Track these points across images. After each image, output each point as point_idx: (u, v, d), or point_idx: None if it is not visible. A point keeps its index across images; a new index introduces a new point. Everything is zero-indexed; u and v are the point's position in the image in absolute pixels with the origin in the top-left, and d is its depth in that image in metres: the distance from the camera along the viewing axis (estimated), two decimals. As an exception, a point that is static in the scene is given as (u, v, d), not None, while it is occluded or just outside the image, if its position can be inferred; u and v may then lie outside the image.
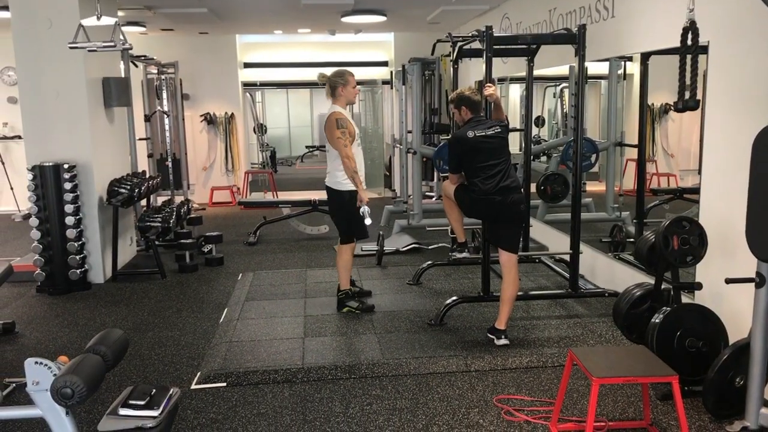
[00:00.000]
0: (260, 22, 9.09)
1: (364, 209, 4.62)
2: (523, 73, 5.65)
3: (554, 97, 9.85)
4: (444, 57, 10.12)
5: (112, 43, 4.65)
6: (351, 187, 4.66)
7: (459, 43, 5.11)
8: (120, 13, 7.31)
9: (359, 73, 11.67)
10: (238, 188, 10.79)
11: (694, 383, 3.39)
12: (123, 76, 6.71)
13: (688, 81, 2.89)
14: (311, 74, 11.92)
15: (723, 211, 3.76)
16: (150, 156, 9.25)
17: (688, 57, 2.69)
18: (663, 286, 3.71)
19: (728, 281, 3.04)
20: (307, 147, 17.89)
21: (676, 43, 4.32)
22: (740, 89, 3.60)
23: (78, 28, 4.72)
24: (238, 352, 4.13)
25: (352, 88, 4.76)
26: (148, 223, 6.12)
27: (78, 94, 5.72)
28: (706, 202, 3.95)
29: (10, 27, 5.64)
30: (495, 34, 4.42)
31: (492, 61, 4.37)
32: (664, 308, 3.49)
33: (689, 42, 2.66)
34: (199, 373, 3.88)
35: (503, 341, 4.15)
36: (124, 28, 6.79)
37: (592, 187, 7.67)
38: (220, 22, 8.53)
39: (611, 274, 5.26)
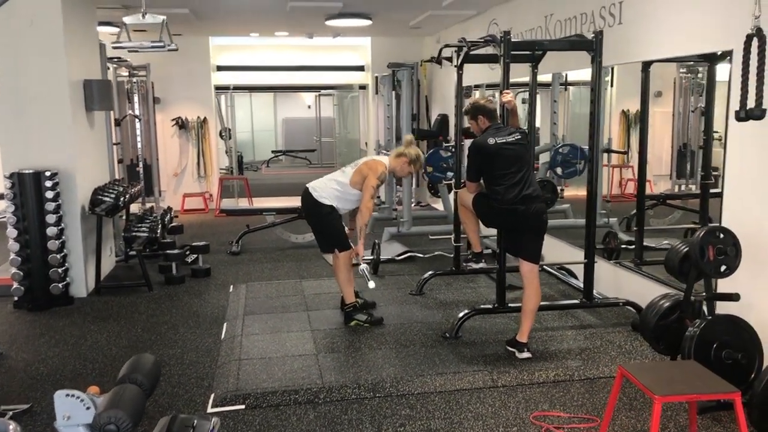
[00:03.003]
0: (238, 24, 8.82)
1: (364, 268, 4.48)
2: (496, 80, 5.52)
3: (522, 102, 9.87)
4: (424, 62, 10.08)
5: (161, 43, 4.34)
6: (330, 202, 4.61)
7: (464, 49, 5.01)
8: (97, 12, 6.95)
9: (335, 78, 11.57)
10: (211, 195, 10.46)
11: (733, 396, 3.34)
12: (102, 78, 6.40)
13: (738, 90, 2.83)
14: (282, 78, 11.77)
15: (749, 218, 3.74)
16: (120, 162, 8.86)
17: (753, 65, 2.63)
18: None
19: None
20: (273, 152, 17.58)
21: (688, 51, 4.39)
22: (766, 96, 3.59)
23: (121, 27, 4.41)
24: (251, 371, 3.91)
25: (408, 170, 4.80)
26: (135, 233, 5.80)
27: (60, 97, 5.39)
28: (730, 209, 3.93)
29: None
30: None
31: (509, 66, 4.27)
32: (699, 320, 3.43)
33: (757, 49, 2.59)
34: (213, 395, 3.65)
35: (526, 354, 4.04)
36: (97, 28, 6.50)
37: (569, 192, 7.67)
38: (197, 23, 8.23)
39: (616, 281, 5.23)
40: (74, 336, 4.69)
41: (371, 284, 4.46)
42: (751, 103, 2.74)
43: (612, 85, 6.73)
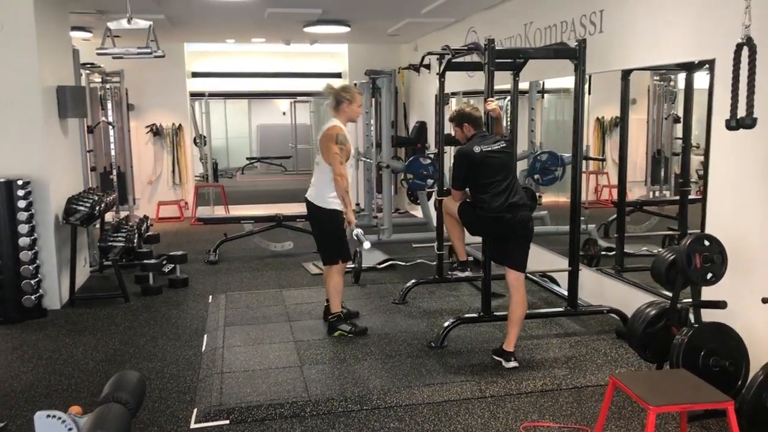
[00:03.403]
0: (215, 31, 8.71)
1: (358, 232, 4.43)
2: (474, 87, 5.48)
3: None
4: (402, 69, 10.06)
5: (148, 50, 4.21)
6: (335, 206, 4.48)
7: (447, 56, 5.00)
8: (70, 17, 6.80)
9: (311, 85, 11.50)
10: (186, 203, 10.29)
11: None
12: (76, 84, 6.26)
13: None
14: (258, 84, 11.67)
15: (731, 224, 3.76)
16: (93, 169, 8.68)
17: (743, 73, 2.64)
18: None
19: (766, 301, 3.01)
20: (248, 159, 17.41)
21: (669, 60, 4.42)
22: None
23: (105, 32, 4.28)
24: (233, 385, 3.81)
25: (357, 107, 4.62)
26: (111, 243, 5.66)
27: (32, 104, 5.23)
28: (712, 216, 3.95)
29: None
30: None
31: (494, 74, 4.25)
32: (687, 327, 3.44)
33: (747, 58, 2.60)
34: (195, 410, 3.55)
35: (513, 364, 4.01)
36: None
37: (545, 199, 7.70)
38: (172, 28, 8.10)
39: (597, 288, 5.24)
40: (48, 350, 4.54)
41: (367, 244, 4.40)
42: (739, 112, 2.76)
43: (589, 93, 6.78)
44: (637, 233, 6.33)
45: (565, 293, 4.98)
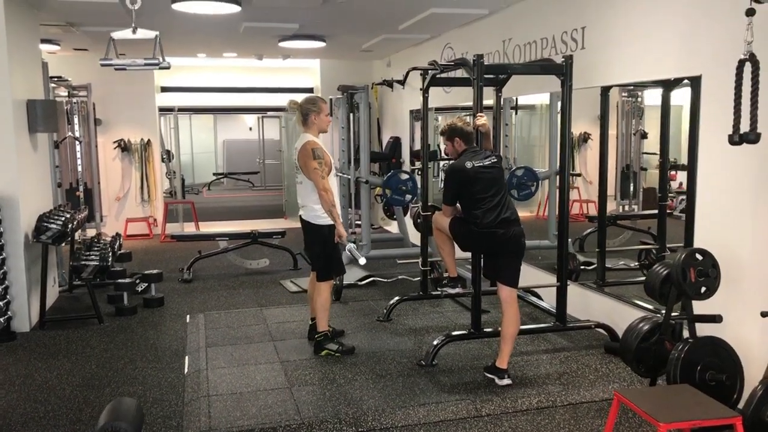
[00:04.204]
0: (187, 45, 8.55)
1: (351, 247, 4.36)
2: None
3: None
4: (375, 85, 10.06)
5: (155, 61, 4.06)
6: (330, 221, 4.41)
7: (432, 72, 4.98)
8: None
9: (282, 100, 11.40)
10: (155, 219, 10.05)
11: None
12: (45, 97, 6.06)
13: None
14: (229, 99, 11.52)
15: (720, 238, 3.80)
16: (59, 186, 8.41)
17: (746, 89, 2.66)
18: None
19: (765, 314, 3.03)
20: (214, 174, 17.16)
21: (651, 77, 4.48)
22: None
23: (109, 43, 4.12)
24: (222, 408, 3.68)
25: (325, 116, 4.53)
26: (84, 262, 5.45)
27: (2, 118, 5.03)
28: (701, 230, 3.98)
29: None
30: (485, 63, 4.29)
31: (483, 90, 4.24)
32: (682, 342, 3.44)
33: (750, 74, 2.63)
34: (184, 436, 3.41)
35: (506, 381, 3.97)
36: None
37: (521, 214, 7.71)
38: (144, 42, 7.91)
39: (580, 303, 5.24)
40: (21, 375, 4.33)
41: (362, 260, 4.35)
42: (730, 128, 2.78)
43: (568, 109, 6.85)
44: (611, 248, 6.39)
45: (549, 307, 4.99)
